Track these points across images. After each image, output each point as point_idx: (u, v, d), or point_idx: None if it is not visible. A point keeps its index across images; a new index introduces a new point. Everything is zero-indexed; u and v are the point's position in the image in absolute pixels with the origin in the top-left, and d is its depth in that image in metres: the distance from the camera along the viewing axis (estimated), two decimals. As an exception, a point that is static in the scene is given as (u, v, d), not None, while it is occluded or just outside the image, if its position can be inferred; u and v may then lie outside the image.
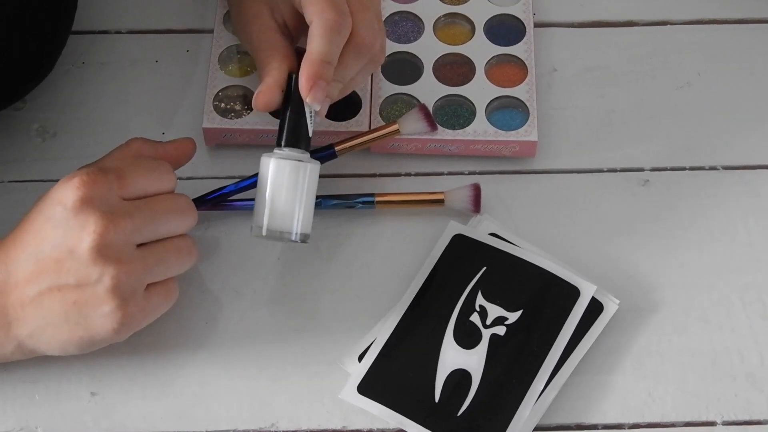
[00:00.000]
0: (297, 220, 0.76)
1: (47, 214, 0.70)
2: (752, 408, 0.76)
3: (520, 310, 0.78)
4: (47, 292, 0.70)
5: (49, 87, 0.90)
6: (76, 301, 0.70)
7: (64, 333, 0.71)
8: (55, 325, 0.71)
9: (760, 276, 0.81)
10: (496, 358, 0.76)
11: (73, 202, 0.69)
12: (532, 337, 0.77)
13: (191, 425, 0.76)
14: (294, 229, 0.76)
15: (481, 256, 0.80)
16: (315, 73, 0.75)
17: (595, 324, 0.78)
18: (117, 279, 0.69)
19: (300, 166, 0.76)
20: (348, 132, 0.84)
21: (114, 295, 0.69)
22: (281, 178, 0.76)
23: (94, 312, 0.70)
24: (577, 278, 0.79)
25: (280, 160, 0.76)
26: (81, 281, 0.69)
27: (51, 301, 0.70)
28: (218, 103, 0.87)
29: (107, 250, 0.69)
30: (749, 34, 0.94)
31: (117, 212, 0.70)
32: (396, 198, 0.84)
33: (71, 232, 0.69)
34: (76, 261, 0.69)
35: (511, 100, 0.87)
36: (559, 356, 0.76)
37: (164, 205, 0.73)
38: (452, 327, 0.77)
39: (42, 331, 0.71)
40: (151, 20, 0.94)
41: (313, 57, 0.75)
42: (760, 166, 0.87)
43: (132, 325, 0.71)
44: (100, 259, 0.69)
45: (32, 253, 0.70)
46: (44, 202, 0.71)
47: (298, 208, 0.76)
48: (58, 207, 0.70)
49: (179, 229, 0.74)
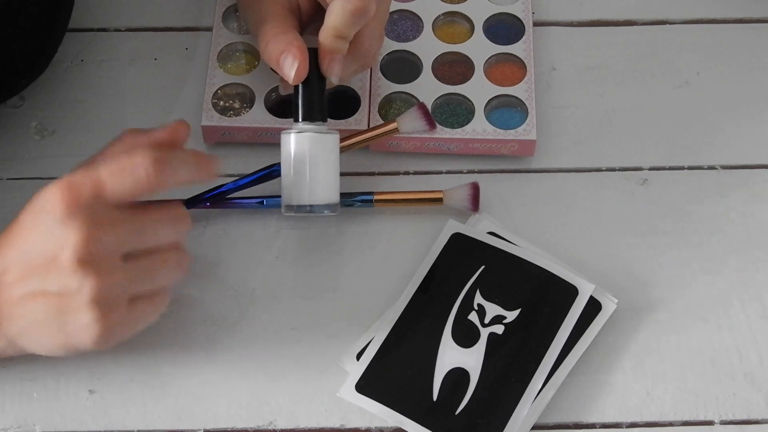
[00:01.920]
0: (326, 190, 0.78)
1: (34, 220, 0.69)
2: (751, 407, 0.76)
3: (518, 309, 0.78)
4: (32, 295, 0.69)
5: (48, 85, 0.90)
6: (58, 308, 0.69)
7: (48, 337, 0.70)
8: (39, 329, 0.70)
9: (759, 275, 0.81)
10: (495, 357, 0.76)
11: (58, 210, 0.67)
12: (531, 335, 0.77)
13: (189, 423, 0.76)
14: (322, 200, 0.78)
15: (480, 255, 0.80)
16: (334, 47, 0.76)
17: (593, 323, 0.78)
18: (97, 290, 0.68)
19: (324, 140, 0.78)
20: (347, 130, 0.84)
21: (93, 306, 0.68)
22: (303, 151, 0.77)
23: (74, 321, 0.69)
24: (575, 277, 0.79)
25: (305, 135, 0.77)
26: (63, 290, 0.68)
27: (36, 304, 0.69)
28: (217, 101, 0.87)
29: (89, 261, 0.67)
30: (748, 33, 0.94)
31: (102, 222, 0.68)
32: (394, 197, 0.84)
33: (55, 240, 0.68)
34: (59, 269, 0.68)
35: (510, 99, 0.87)
36: (557, 355, 0.76)
37: (154, 214, 0.71)
38: (450, 326, 0.77)
39: (28, 332, 0.71)
40: (149, 18, 0.94)
41: (332, 32, 0.76)
42: (758, 166, 0.87)
43: (112, 336, 0.70)
44: (81, 270, 0.67)
45: (20, 255, 0.69)
46: (33, 206, 0.70)
47: (325, 179, 0.78)
48: (42, 214, 0.68)
49: (169, 238, 0.71)
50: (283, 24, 0.78)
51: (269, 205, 0.83)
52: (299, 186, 0.78)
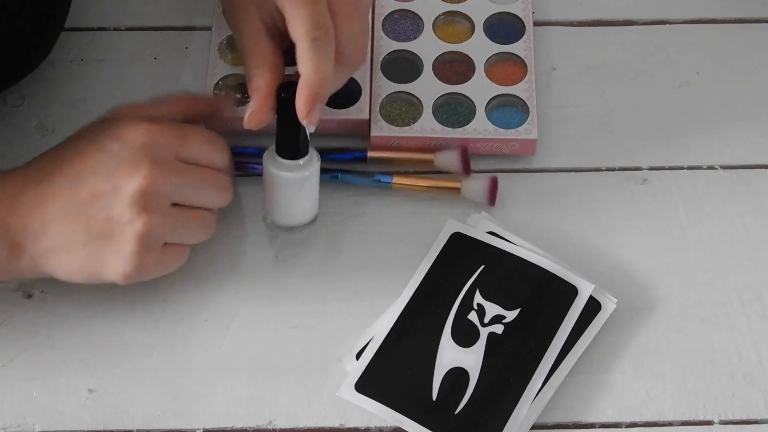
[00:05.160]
0: (301, 215, 0.81)
1: (102, 145, 0.72)
2: (750, 407, 0.76)
3: (518, 309, 0.78)
4: (74, 217, 0.72)
5: (48, 84, 0.90)
6: (99, 235, 0.72)
7: (77, 260, 0.73)
8: (70, 251, 0.73)
9: (759, 275, 0.81)
10: (494, 357, 0.76)
11: (137, 143, 0.72)
12: (530, 335, 0.77)
13: (189, 423, 0.76)
14: (299, 223, 0.81)
15: (479, 255, 0.80)
16: (312, 97, 0.75)
17: (592, 323, 0.78)
18: (147, 227, 0.72)
19: (298, 179, 0.78)
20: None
21: (139, 240, 0.72)
22: (282, 187, 0.79)
23: (114, 250, 0.72)
24: (575, 277, 0.79)
25: (281, 173, 0.78)
26: (113, 218, 0.71)
27: (74, 227, 0.72)
28: (218, 92, 0.87)
29: (149, 198, 0.72)
30: (748, 33, 0.94)
31: (169, 167, 0.73)
32: (413, 182, 0.84)
33: (122, 169, 0.72)
34: (117, 198, 0.71)
35: (511, 99, 0.87)
36: (557, 355, 0.76)
37: (209, 177, 0.76)
38: (450, 325, 0.77)
39: (56, 252, 0.73)
40: (149, 17, 0.94)
41: (309, 82, 0.74)
42: (758, 166, 0.87)
43: (141, 274, 0.74)
44: (140, 203, 0.71)
45: (71, 176, 0.72)
46: (100, 134, 0.73)
47: (301, 208, 0.81)
48: (117, 142, 0.72)
49: (213, 203, 0.77)
50: (258, 57, 0.78)
51: None
52: (275, 209, 0.81)
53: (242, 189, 0.84)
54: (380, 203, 0.85)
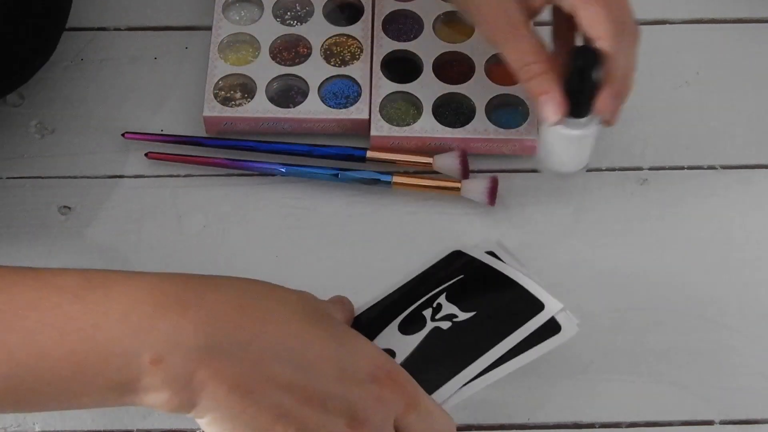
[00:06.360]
0: (580, 165, 0.81)
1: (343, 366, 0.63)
2: (750, 407, 0.76)
3: (473, 312, 0.75)
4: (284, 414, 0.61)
5: (48, 84, 0.90)
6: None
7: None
8: None
9: (759, 275, 0.81)
10: (429, 348, 0.73)
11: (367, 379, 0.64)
12: (476, 335, 0.73)
13: (189, 422, 0.75)
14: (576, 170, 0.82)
15: (464, 268, 0.79)
16: (620, 92, 0.76)
17: (546, 342, 0.73)
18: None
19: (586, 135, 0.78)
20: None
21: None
22: (563, 145, 0.79)
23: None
24: (547, 295, 0.74)
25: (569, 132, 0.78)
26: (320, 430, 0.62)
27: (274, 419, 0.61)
28: (218, 92, 0.87)
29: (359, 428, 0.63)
30: (748, 33, 0.94)
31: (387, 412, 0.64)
32: (413, 181, 0.84)
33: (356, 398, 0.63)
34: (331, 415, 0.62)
35: (511, 99, 0.87)
36: (498, 357, 0.72)
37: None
38: (402, 317, 0.75)
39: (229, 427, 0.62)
40: (149, 17, 0.94)
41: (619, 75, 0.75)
42: (758, 166, 0.87)
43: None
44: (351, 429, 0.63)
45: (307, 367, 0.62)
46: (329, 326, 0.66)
47: (580, 160, 0.81)
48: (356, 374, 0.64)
49: None
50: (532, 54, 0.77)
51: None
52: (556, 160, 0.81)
53: (243, 189, 0.84)
54: (380, 203, 0.85)
